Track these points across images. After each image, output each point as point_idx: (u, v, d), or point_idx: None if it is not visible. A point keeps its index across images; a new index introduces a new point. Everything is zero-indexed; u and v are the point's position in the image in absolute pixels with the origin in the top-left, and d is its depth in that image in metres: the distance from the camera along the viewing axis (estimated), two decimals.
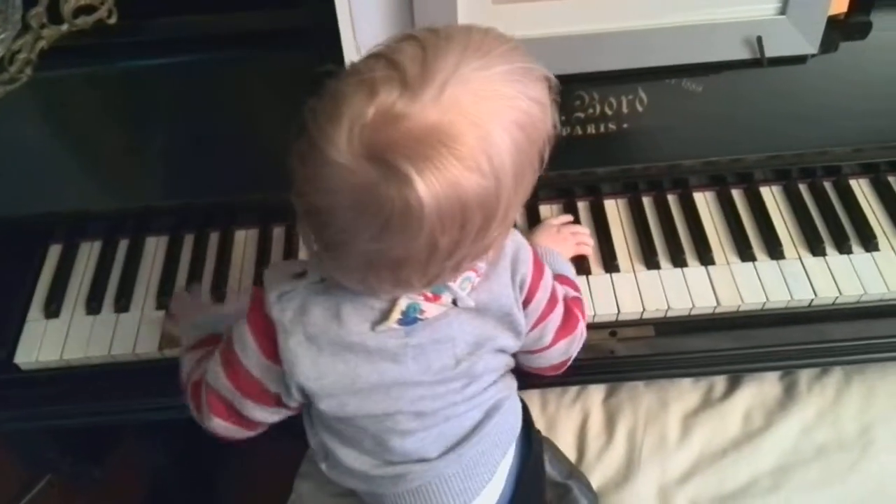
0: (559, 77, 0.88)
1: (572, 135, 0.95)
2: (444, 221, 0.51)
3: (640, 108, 0.96)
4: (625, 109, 0.95)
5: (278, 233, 1.00)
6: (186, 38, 0.91)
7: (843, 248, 0.94)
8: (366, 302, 0.63)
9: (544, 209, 1.02)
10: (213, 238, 1.00)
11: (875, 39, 0.93)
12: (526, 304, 0.71)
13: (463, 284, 0.64)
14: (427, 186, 0.50)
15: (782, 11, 0.87)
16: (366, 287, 0.60)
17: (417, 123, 0.50)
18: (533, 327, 0.74)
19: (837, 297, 0.91)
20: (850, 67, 0.94)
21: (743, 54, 0.90)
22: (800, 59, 0.92)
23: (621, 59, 0.89)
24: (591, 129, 0.96)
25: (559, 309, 0.76)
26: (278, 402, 0.69)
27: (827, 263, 0.93)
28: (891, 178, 1.01)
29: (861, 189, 1.01)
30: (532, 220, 1.00)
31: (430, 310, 0.64)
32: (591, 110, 0.95)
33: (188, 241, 1.00)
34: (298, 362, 0.64)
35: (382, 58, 0.53)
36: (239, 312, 0.70)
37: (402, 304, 0.62)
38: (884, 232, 0.96)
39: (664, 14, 0.87)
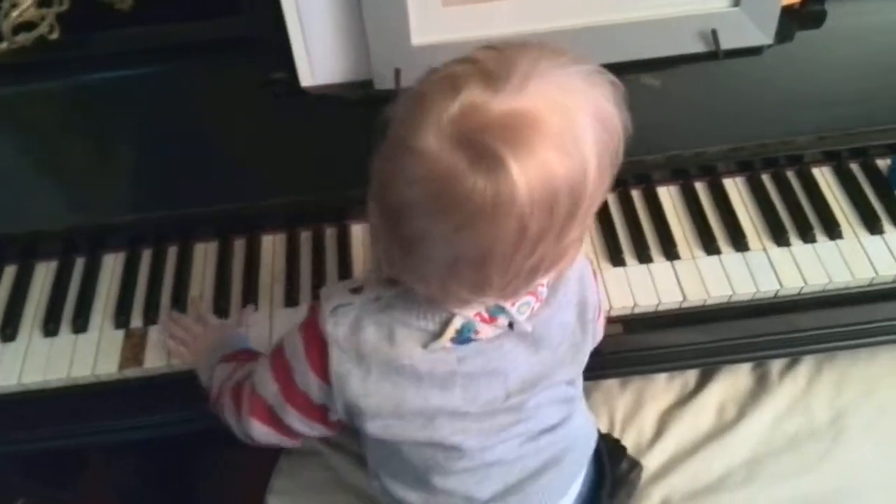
0: None
1: None
2: (535, 204, 0.51)
3: None
4: None
5: (239, 244, 0.99)
6: (131, 51, 0.89)
7: (807, 237, 0.94)
8: (420, 325, 0.62)
9: None
10: (172, 252, 0.98)
11: (831, 27, 0.93)
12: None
13: (521, 309, 0.63)
14: (520, 167, 0.49)
15: (736, 3, 0.87)
16: (444, 294, 0.58)
17: (504, 110, 0.50)
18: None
19: (803, 287, 0.91)
20: (807, 56, 0.94)
21: (699, 47, 0.89)
22: (757, 51, 0.91)
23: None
24: None
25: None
26: (322, 418, 0.69)
27: (792, 254, 0.93)
28: (853, 166, 1.02)
29: (824, 177, 1.01)
30: None
31: (485, 331, 0.62)
32: None
33: (146, 256, 0.98)
34: (348, 379, 0.63)
35: (461, 60, 0.54)
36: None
37: (457, 322, 0.61)
38: (847, 220, 0.96)
39: (617, 10, 0.86)
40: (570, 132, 0.51)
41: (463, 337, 0.62)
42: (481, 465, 0.70)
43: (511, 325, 0.63)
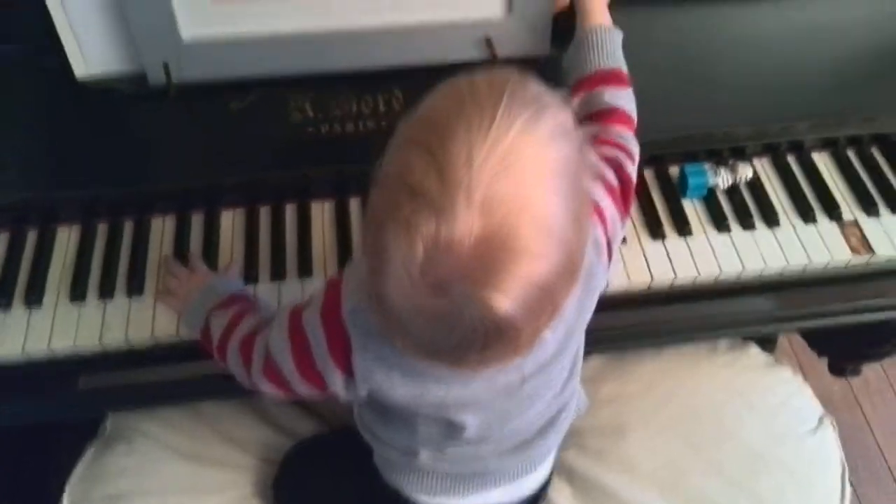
0: (292, 77, 0.89)
1: (343, 132, 0.96)
2: (529, 309, 0.51)
3: (397, 107, 0.98)
4: (381, 108, 0.97)
5: (197, 220, 0.99)
6: None
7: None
8: None
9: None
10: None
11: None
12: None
13: None
14: (504, 296, 0.49)
15: (509, 10, 0.90)
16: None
17: (467, 242, 0.48)
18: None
19: None
20: None
21: (479, 55, 0.93)
22: (536, 61, 0.95)
23: (354, 58, 0.91)
24: (352, 127, 0.98)
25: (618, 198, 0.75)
26: (331, 392, 0.70)
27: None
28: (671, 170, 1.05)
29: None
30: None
31: None
32: (348, 109, 0.97)
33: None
34: (373, 376, 0.65)
35: (403, 187, 0.50)
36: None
37: None
38: (635, 228, 1.01)
39: (390, 13, 0.88)
40: (541, 226, 0.50)
41: None
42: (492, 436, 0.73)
43: None
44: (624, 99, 0.83)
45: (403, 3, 0.88)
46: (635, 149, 0.81)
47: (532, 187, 0.50)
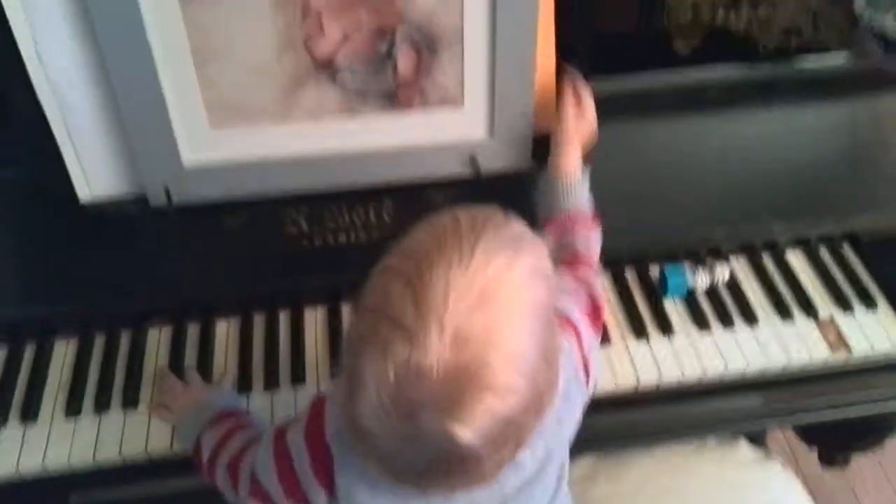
0: (292, 195, 0.93)
1: (336, 242, 1.00)
2: (493, 441, 0.52)
3: (387, 219, 1.02)
4: (373, 219, 1.02)
5: (193, 330, 1.01)
6: None
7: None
8: None
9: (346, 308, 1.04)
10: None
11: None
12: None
13: None
14: (466, 427, 0.50)
15: (491, 133, 0.96)
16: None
17: (436, 373, 0.50)
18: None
19: None
20: None
21: (465, 171, 0.98)
22: (518, 174, 1.00)
23: (348, 177, 0.96)
24: (345, 238, 1.02)
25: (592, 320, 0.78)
26: None
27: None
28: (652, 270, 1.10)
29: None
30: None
31: None
32: (341, 221, 1.01)
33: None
34: (354, 495, 0.66)
35: (381, 315, 0.53)
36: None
37: None
38: (618, 326, 1.04)
39: (383, 137, 0.94)
40: (510, 364, 0.51)
41: None
42: None
43: None
44: (592, 240, 0.87)
45: (394, 128, 0.93)
46: (600, 287, 0.85)
47: (505, 325, 0.52)
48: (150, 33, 0.82)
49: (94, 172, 0.91)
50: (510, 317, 0.52)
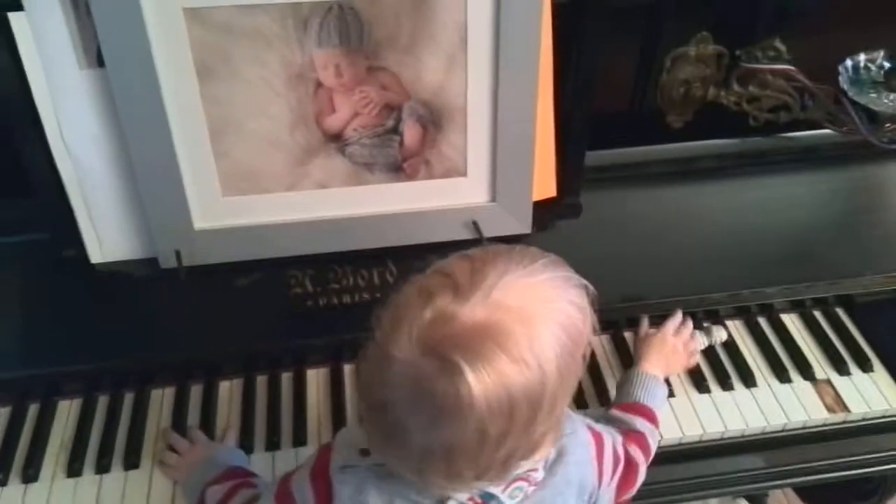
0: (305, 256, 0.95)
1: (340, 303, 1.02)
2: (493, 410, 0.55)
3: (391, 279, 1.04)
4: (376, 281, 1.04)
5: (196, 390, 1.03)
6: None
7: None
8: (417, 500, 0.65)
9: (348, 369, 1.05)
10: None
11: (586, 217, 1.07)
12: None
13: (513, 493, 0.66)
14: (476, 376, 0.54)
15: (493, 199, 1.00)
16: (421, 478, 0.62)
17: (468, 321, 0.55)
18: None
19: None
20: (567, 242, 1.06)
21: (467, 235, 1.01)
22: (518, 237, 1.03)
23: (354, 241, 0.98)
24: (349, 299, 1.03)
25: (620, 468, 0.81)
26: None
27: None
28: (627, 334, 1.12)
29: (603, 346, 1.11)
30: None
31: None
32: (345, 283, 1.04)
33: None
34: None
35: (438, 272, 0.60)
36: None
37: None
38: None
39: (388, 203, 0.97)
40: (530, 344, 0.56)
41: None
42: None
43: None
44: (648, 430, 0.91)
45: (400, 196, 0.97)
46: (643, 466, 0.88)
47: (538, 316, 0.58)
48: (168, 107, 0.85)
49: (107, 237, 0.94)
50: (545, 313, 0.58)
